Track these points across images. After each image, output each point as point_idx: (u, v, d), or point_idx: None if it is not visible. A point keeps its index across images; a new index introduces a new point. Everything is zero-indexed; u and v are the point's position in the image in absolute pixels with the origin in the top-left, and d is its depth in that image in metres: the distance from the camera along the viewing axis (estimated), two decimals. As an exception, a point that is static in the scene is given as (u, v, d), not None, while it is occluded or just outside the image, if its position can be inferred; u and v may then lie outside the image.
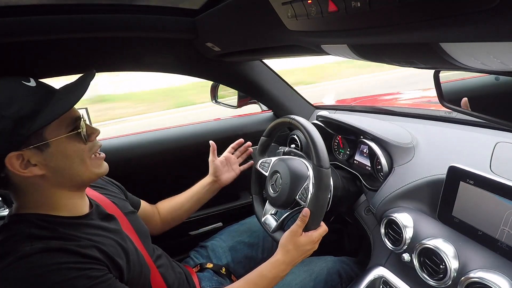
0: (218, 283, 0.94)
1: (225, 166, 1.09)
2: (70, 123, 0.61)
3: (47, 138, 0.57)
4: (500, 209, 0.59)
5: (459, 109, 0.75)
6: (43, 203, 0.61)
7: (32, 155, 0.56)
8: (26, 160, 0.56)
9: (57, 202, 0.62)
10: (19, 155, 0.55)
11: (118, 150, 1.24)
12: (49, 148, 0.58)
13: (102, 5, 0.77)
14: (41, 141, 0.56)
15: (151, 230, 0.97)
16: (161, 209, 1.02)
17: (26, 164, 0.56)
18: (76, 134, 0.61)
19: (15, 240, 0.55)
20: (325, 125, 1.14)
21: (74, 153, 0.61)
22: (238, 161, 1.13)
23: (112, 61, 1.04)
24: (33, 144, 0.56)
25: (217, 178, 1.05)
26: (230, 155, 1.11)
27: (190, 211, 1.04)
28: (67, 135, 0.60)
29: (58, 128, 0.59)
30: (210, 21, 0.83)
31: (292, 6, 0.49)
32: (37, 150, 0.57)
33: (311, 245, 0.77)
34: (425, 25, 0.32)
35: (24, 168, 0.56)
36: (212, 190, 1.05)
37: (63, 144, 0.59)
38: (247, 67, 1.25)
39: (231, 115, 1.56)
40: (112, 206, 0.78)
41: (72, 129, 0.61)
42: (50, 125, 0.57)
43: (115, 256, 0.63)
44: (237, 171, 1.10)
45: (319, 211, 0.76)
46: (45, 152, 0.57)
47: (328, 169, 0.75)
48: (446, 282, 0.63)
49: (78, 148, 0.62)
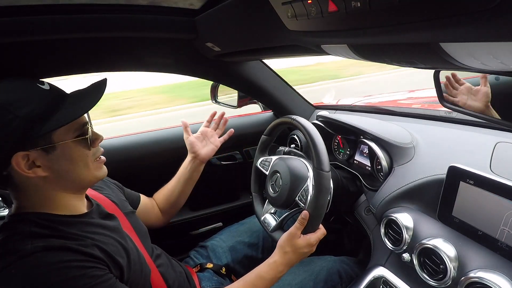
0: (218, 283, 0.94)
1: (203, 141, 1.05)
2: (77, 128, 0.62)
3: (54, 141, 0.58)
4: (500, 209, 0.59)
5: (459, 109, 0.75)
6: (43, 203, 0.61)
7: (38, 156, 0.57)
8: (31, 161, 0.57)
9: (57, 203, 0.62)
10: (25, 155, 0.56)
11: (118, 150, 1.25)
12: (55, 151, 0.58)
13: (102, 5, 0.77)
14: (48, 144, 0.57)
15: (154, 223, 0.99)
16: (157, 200, 1.03)
17: (30, 164, 0.57)
18: (82, 139, 0.62)
19: (16, 239, 0.55)
20: (325, 125, 1.14)
21: (78, 158, 0.62)
22: (217, 133, 1.09)
23: (112, 61, 1.04)
24: (41, 146, 0.57)
25: (196, 154, 1.02)
26: (205, 129, 1.07)
27: (183, 194, 1.03)
28: (74, 140, 0.61)
29: (66, 133, 0.60)
30: (210, 21, 0.83)
31: (292, 6, 0.49)
32: (43, 152, 0.57)
33: (308, 248, 0.77)
34: (425, 25, 0.32)
35: (29, 168, 0.57)
36: (194, 167, 1.02)
37: (69, 148, 0.60)
38: (247, 67, 1.25)
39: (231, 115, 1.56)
40: (112, 205, 0.78)
41: (79, 134, 0.62)
42: (59, 129, 0.58)
43: (116, 255, 0.63)
44: (216, 143, 1.06)
45: (318, 214, 0.76)
46: (51, 155, 0.58)
47: (329, 172, 0.75)
48: (446, 282, 0.63)
49: (82, 153, 0.63)
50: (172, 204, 1.03)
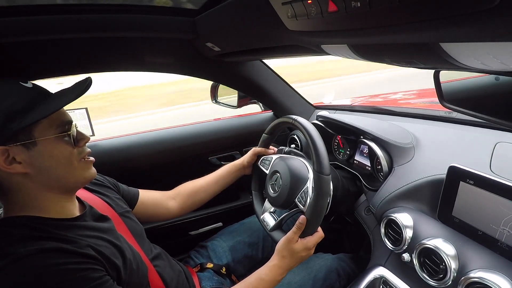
0: (218, 283, 0.94)
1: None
2: (60, 125, 0.61)
3: (35, 137, 0.57)
4: (500, 209, 0.59)
5: (459, 109, 0.75)
6: (30, 205, 0.60)
7: (18, 152, 0.56)
8: (12, 157, 0.56)
9: (44, 204, 0.61)
10: (4, 150, 0.55)
11: (118, 150, 1.25)
12: (36, 147, 0.58)
13: (102, 5, 0.77)
14: (28, 139, 0.57)
15: (162, 216, 0.99)
16: (182, 193, 1.03)
17: (11, 160, 0.56)
18: (64, 136, 0.61)
19: (7, 243, 0.53)
20: (325, 125, 1.14)
21: (60, 154, 0.61)
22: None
23: (112, 61, 1.04)
24: (21, 141, 0.56)
25: (249, 164, 1.06)
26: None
27: (213, 194, 1.06)
28: (55, 135, 0.60)
29: (48, 129, 0.59)
30: (210, 21, 0.83)
31: (292, 6, 0.49)
32: (24, 148, 0.57)
33: (306, 251, 0.78)
34: (425, 25, 0.32)
35: (9, 164, 0.56)
36: (238, 175, 1.07)
37: (51, 144, 0.59)
38: (247, 67, 1.25)
39: (231, 115, 1.56)
40: (106, 207, 0.77)
41: (61, 131, 0.61)
42: (40, 125, 0.57)
43: (111, 256, 0.62)
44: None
45: (316, 218, 0.76)
46: (31, 151, 0.57)
47: (329, 175, 0.75)
48: (446, 282, 0.63)
49: (65, 150, 0.61)
50: (197, 201, 1.04)
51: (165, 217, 1.00)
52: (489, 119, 0.68)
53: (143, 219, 0.91)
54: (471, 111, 0.71)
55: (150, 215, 0.95)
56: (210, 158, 1.39)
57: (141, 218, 0.90)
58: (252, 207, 1.02)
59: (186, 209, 1.03)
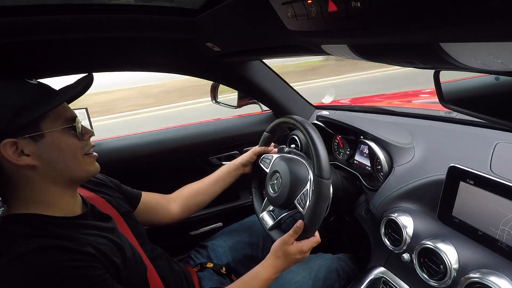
0: (218, 283, 0.94)
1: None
2: (66, 119, 0.64)
3: (42, 129, 0.59)
4: (500, 209, 0.59)
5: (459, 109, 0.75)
6: (35, 200, 0.60)
7: (27, 144, 0.58)
8: (20, 149, 0.57)
9: (48, 200, 0.62)
10: (13, 142, 0.56)
11: (118, 150, 1.25)
12: (43, 139, 0.59)
13: (102, 5, 0.77)
14: (36, 132, 0.59)
15: (163, 219, 0.99)
16: (182, 195, 1.03)
17: (19, 153, 0.57)
18: (70, 129, 0.64)
19: (8, 241, 0.53)
20: (325, 125, 1.14)
21: (67, 147, 0.63)
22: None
23: (112, 61, 1.04)
24: (29, 134, 0.58)
25: (248, 163, 1.06)
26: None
27: (214, 195, 1.06)
28: (62, 127, 0.62)
29: (54, 121, 0.61)
30: (210, 21, 0.83)
31: (292, 6, 0.49)
32: (32, 140, 0.58)
33: (300, 254, 0.78)
34: (425, 25, 0.32)
35: (18, 156, 0.57)
36: (237, 175, 1.07)
37: (58, 137, 0.61)
38: (247, 67, 1.25)
39: (231, 115, 1.56)
40: (108, 206, 0.78)
41: (67, 125, 0.64)
42: (47, 118, 0.60)
43: (111, 254, 0.62)
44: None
45: (314, 222, 0.76)
46: (39, 143, 0.59)
47: (329, 179, 0.74)
48: (446, 282, 0.63)
49: (72, 143, 0.63)
50: (198, 203, 1.04)
51: (166, 221, 0.99)
52: (489, 119, 0.68)
53: (145, 221, 0.92)
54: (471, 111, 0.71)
55: (152, 217, 0.95)
56: (210, 158, 1.39)
57: (143, 220, 0.90)
58: (252, 206, 1.02)
59: (187, 211, 1.03)
